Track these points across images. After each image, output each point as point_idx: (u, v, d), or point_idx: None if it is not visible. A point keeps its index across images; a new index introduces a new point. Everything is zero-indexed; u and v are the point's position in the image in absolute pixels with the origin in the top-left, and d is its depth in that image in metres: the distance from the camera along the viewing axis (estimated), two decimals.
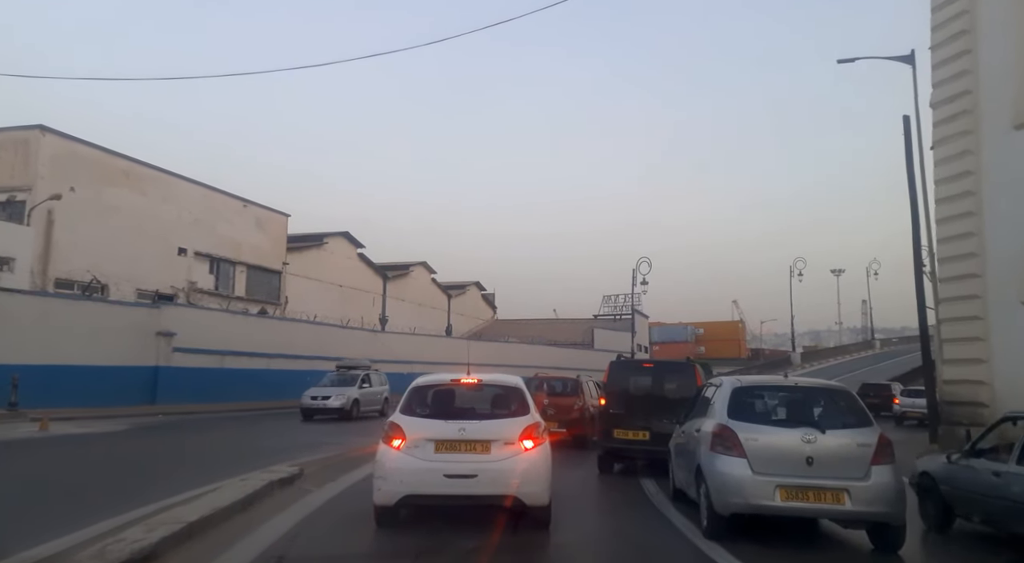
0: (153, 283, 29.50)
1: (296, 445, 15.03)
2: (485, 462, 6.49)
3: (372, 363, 26.89)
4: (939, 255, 16.00)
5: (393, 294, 49.97)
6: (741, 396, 7.15)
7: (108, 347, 22.48)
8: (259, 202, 37.81)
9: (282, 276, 39.06)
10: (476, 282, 65.35)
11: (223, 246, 34.97)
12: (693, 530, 7.12)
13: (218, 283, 35.04)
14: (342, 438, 17.19)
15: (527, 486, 6.51)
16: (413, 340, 41.36)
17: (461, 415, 7.00)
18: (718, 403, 7.21)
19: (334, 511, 7.96)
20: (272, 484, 8.62)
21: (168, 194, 31.62)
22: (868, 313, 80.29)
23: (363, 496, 8.95)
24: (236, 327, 29.20)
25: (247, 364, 28.83)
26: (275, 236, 38.84)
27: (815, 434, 6.41)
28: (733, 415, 6.84)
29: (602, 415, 11.59)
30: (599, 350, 54.13)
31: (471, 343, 49.60)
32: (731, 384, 7.34)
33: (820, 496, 6.22)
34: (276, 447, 14.84)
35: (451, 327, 53.93)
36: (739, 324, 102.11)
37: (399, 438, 6.64)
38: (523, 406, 7.08)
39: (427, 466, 6.46)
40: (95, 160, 28.21)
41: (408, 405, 7.10)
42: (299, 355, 32.08)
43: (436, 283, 57.16)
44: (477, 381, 7.37)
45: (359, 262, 47.02)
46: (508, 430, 6.71)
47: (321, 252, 43.21)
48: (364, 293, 46.62)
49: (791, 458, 6.35)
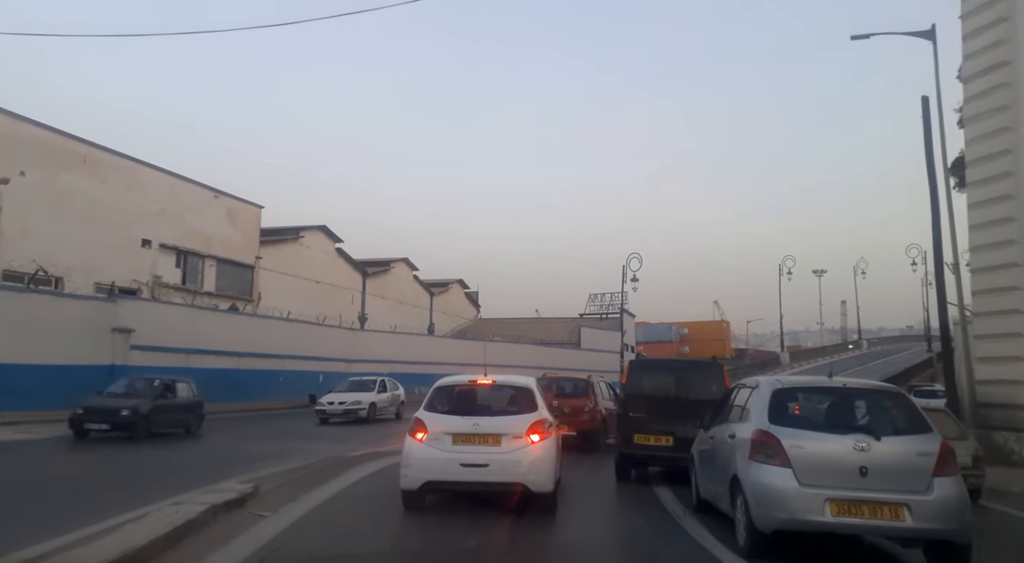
0: (114, 276, 27.39)
1: (259, 454, 13.27)
2: (496, 453, 7.30)
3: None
4: (972, 243, 14.67)
5: (373, 291, 48.09)
6: (782, 398, 6.45)
7: (57, 344, 20.49)
8: (231, 192, 35.78)
9: (255, 271, 37.05)
10: (459, 280, 63.59)
11: (191, 238, 32.91)
12: (721, 548, 6.39)
13: (186, 277, 32.97)
14: (315, 444, 15.43)
15: (533, 475, 7.31)
16: (394, 339, 39.59)
17: (476, 411, 7.86)
18: (756, 406, 6.51)
19: (289, 546, 6.28)
20: (213, 509, 6.90)
21: (131, 181, 29.50)
22: (856, 313, 79.77)
23: (329, 522, 7.35)
24: (203, 323, 27.23)
25: (214, 363, 26.87)
26: (247, 229, 36.81)
27: (869, 441, 5.76)
28: (774, 420, 6.16)
29: (621, 419, 10.75)
30: (586, 349, 52.79)
31: (460, 342, 48.08)
32: (770, 385, 6.61)
33: (876, 511, 5.58)
34: (235, 456, 13.07)
35: (433, 326, 52.17)
36: (724, 324, 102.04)
37: (422, 431, 7.53)
38: (532, 404, 7.88)
39: (445, 456, 7.32)
40: (48, 142, 26.07)
41: (431, 402, 7.99)
42: (271, 354, 30.20)
43: (418, 280, 55.34)
44: (492, 382, 8.29)
45: (337, 257, 45.07)
46: (517, 425, 7.50)
47: (297, 246, 41.21)
48: (342, 290, 44.68)
49: (842, 468, 5.71)
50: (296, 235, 41.32)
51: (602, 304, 62.02)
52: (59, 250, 25.43)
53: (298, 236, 41.34)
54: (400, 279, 52.65)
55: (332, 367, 34.28)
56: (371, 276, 48.14)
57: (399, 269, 52.74)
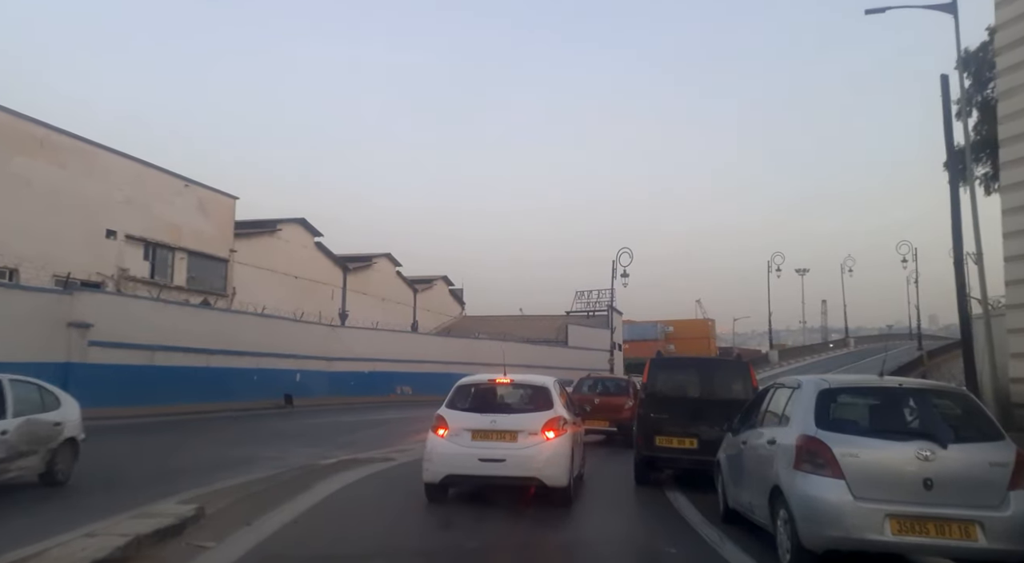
0: (75, 268, 25.59)
1: (220, 462, 11.75)
2: (512, 449, 7.64)
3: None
4: (1006, 230, 13.51)
5: (354, 287, 46.42)
6: (830, 400, 5.77)
7: (4, 339, 18.71)
8: (203, 182, 33.96)
9: (229, 264, 35.25)
10: (443, 276, 62.04)
11: (160, 229, 31.07)
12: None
13: (155, 271, 31.14)
14: (287, 449, 13.90)
15: (548, 469, 7.61)
16: (375, 336, 38.05)
17: (494, 409, 8.26)
18: (799, 409, 5.85)
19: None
20: (137, 541, 5.42)
21: (93, 168, 27.61)
22: (843, 311, 79.26)
23: (288, 555, 5.90)
24: (170, 318, 25.46)
25: (182, 361, 25.19)
26: (221, 220, 34.99)
27: (933, 449, 5.17)
28: (822, 424, 5.54)
29: (642, 420, 10.17)
30: (573, 347, 51.55)
31: (445, 340, 46.62)
32: (815, 385, 5.92)
33: (944, 529, 5.01)
34: (190, 465, 11.52)
35: (417, 323, 50.62)
36: (709, 322, 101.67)
37: (443, 428, 7.87)
38: (547, 402, 8.20)
39: (465, 451, 7.66)
40: (1, 124, 24.20)
41: (452, 400, 8.29)
42: (245, 351, 28.51)
43: (401, 276, 53.72)
44: (510, 381, 8.63)
45: (316, 252, 43.34)
46: (533, 422, 7.84)
47: (274, 239, 39.44)
48: (322, 285, 42.98)
49: (903, 480, 5.16)
50: (273, 228, 39.57)
51: (589, 301, 60.98)
52: (13, 239, 23.60)
53: (275, 229, 39.59)
54: (383, 275, 51.02)
55: (310, 365, 32.69)
56: (352, 271, 46.48)
57: (382, 265, 51.11)
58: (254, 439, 16.59)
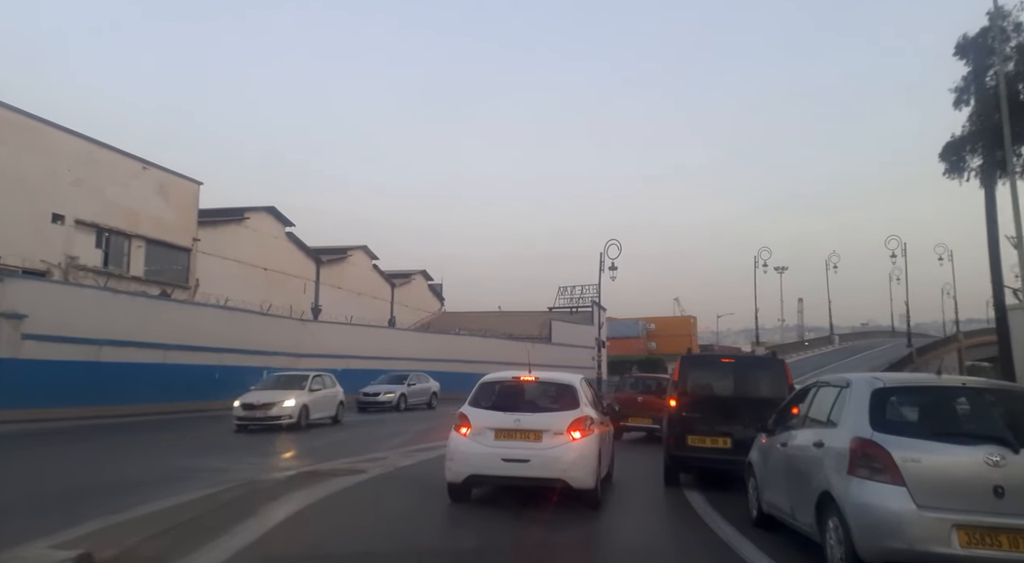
0: (16, 255, 23.18)
1: (150, 477, 9.69)
2: (537, 449, 7.46)
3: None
4: None
5: (328, 281, 44.13)
6: (885, 400, 5.34)
7: None
8: (164, 165, 31.52)
9: (192, 254, 32.83)
10: (422, 271, 59.86)
11: (115, 215, 28.60)
12: None
13: (108, 259, 28.64)
14: (239, 459, 11.83)
15: (574, 471, 7.41)
16: (350, 331, 35.89)
17: (518, 408, 7.95)
18: (851, 409, 5.47)
19: None
20: None
21: (37, 145, 25.09)
22: (828, 309, 78.50)
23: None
24: (121, 310, 23.15)
25: (134, 357, 22.91)
26: (183, 207, 32.55)
27: (1004, 454, 4.69)
28: (878, 426, 5.11)
29: (672, 419, 9.85)
30: (557, 344, 49.80)
31: (423, 335, 44.56)
32: (868, 384, 5.54)
33: (1018, 542, 4.51)
34: (117, 481, 9.43)
35: (394, 319, 48.48)
36: (691, 319, 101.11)
37: (466, 426, 7.76)
38: (574, 401, 7.98)
39: (488, 451, 7.52)
40: None
41: (475, 398, 8.16)
42: (206, 347, 26.25)
43: (378, 270, 51.48)
44: (535, 378, 8.50)
45: (287, 242, 40.98)
46: (558, 422, 7.65)
47: (241, 229, 37.03)
48: (294, 278, 40.65)
49: (971, 487, 4.68)
50: (240, 216, 37.15)
51: (572, 297, 59.41)
52: None
53: (243, 217, 37.16)
54: (358, 268, 48.76)
55: (278, 362, 30.35)
56: (326, 264, 44.18)
57: (357, 257, 48.85)
58: (203, 446, 14.49)
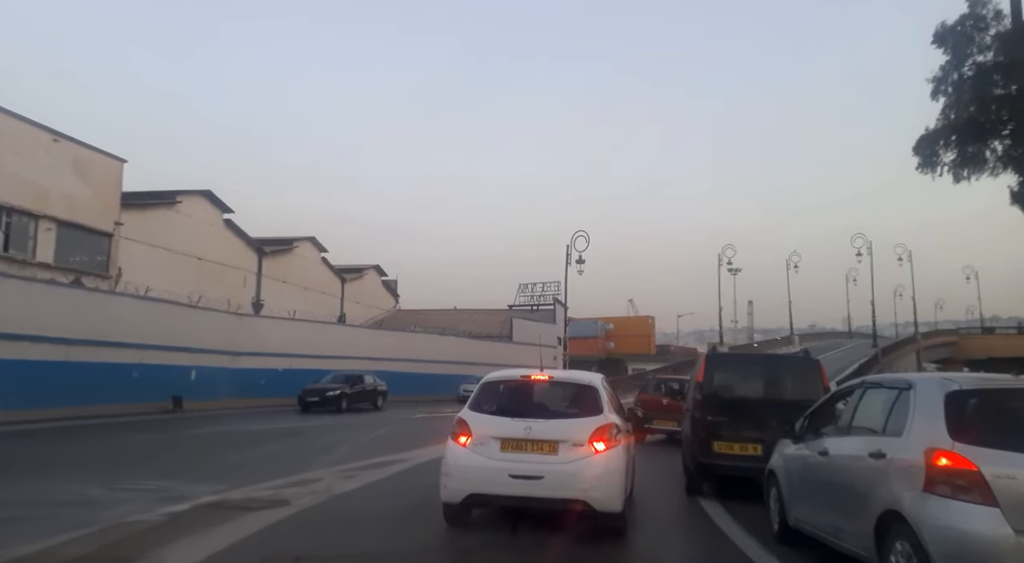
0: None
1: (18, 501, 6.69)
2: (552, 463, 6.23)
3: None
4: None
5: (272, 274, 40.63)
6: (963, 405, 4.40)
7: None
8: (79, 139, 27.79)
9: (113, 239, 29.16)
10: (376, 266, 56.58)
11: (17, 191, 24.84)
12: None
13: (9, 242, 24.90)
14: (135, 480, 8.77)
15: (597, 491, 6.20)
16: (295, 327, 32.68)
17: (529, 413, 6.68)
18: (920, 415, 4.55)
19: None
20: None
21: None
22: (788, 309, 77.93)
23: None
24: (12, 298, 19.62)
25: (29, 353, 19.43)
26: (103, 186, 28.83)
27: None
28: (957, 436, 4.22)
29: (697, 423, 9.23)
30: (518, 343, 47.29)
31: (377, 333, 41.50)
32: (940, 386, 4.58)
33: None
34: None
35: (345, 315, 45.21)
36: (649, 319, 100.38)
37: (466, 435, 6.50)
38: (596, 406, 6.74)
39: (492, 465, 6.28)
40: None
41: (476, 401, 6.89)
42: (122, 342, 22.81)
43: (327, 263, 48.09)
44: (548, 378, 7.17)
45: (226, 230, 37.40)
46: (577, 431, 6.40)
47: (172, 213, 33.36)
48: (232, 270, 37.08)
49: None
50: (172, 200, 33.49)
51: (532, 295, 57.09)
52: None
53: (174, 201, 33.49)
54: (305, 261, 45.32)
55: (210, 360, 27.08)
56: (269, 255, 40.68)
57: (304, 249, 45.41)
58: (89, 462, 11.33)
